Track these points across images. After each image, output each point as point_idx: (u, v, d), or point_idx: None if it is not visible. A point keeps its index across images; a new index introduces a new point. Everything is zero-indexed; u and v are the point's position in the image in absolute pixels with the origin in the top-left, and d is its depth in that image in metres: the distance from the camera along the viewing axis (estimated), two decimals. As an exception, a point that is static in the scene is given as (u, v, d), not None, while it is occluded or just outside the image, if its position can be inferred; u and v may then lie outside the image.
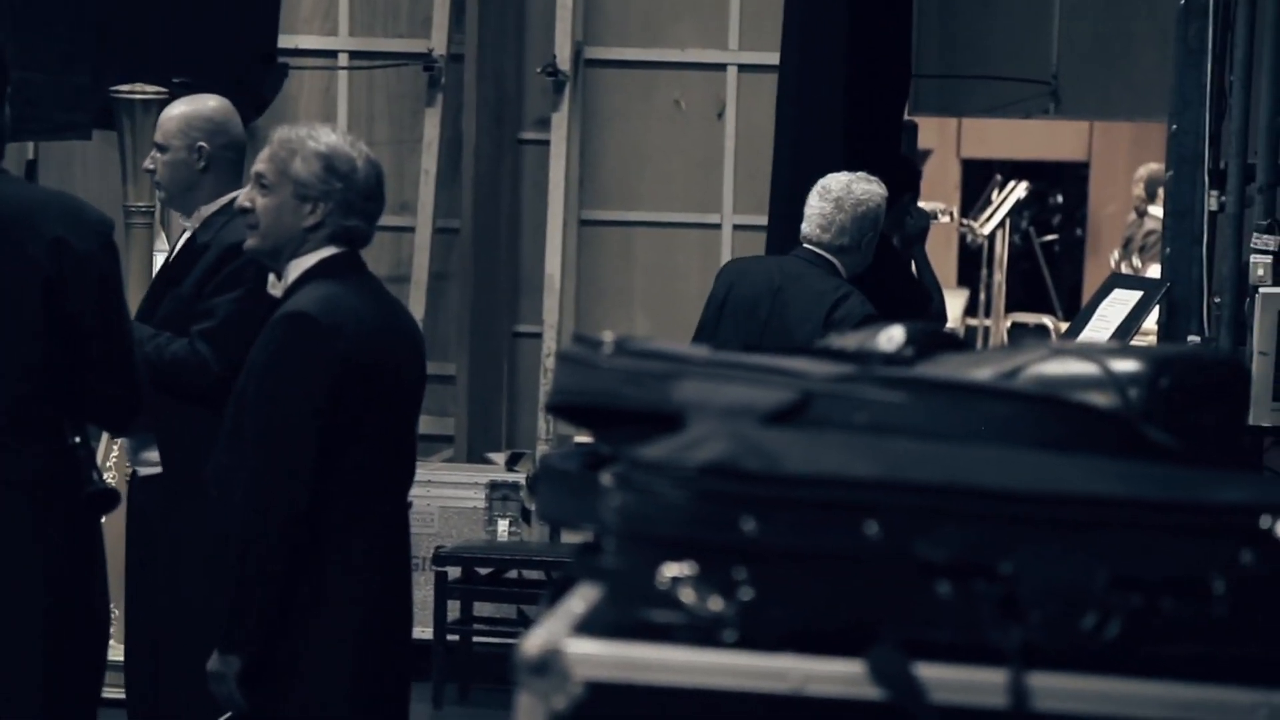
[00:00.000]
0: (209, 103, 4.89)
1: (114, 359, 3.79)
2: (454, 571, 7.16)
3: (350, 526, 3.75)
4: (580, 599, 2.06)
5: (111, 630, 6.81)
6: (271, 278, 3.99)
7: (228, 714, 3.81)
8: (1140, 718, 1.89)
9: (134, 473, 4.87)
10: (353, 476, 3.74)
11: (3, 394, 3.71)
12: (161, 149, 4.83)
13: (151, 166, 4.87)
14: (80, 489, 3.81)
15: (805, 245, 5.75)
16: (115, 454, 6.85)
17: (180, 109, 4.87)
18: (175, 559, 4.65)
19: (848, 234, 5.68)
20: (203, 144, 4.79)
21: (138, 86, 6.46)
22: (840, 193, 5.69)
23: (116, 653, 6.69)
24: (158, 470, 4.73)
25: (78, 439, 3.88)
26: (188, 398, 4.57)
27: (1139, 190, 11.31)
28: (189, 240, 4.84)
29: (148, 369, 4.39)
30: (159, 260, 6.00)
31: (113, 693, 6.65)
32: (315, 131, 3.85)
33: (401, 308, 4.09)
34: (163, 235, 6.44)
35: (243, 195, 3.94)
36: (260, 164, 3.88)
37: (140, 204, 6.34)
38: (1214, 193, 5.73)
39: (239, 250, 4.17)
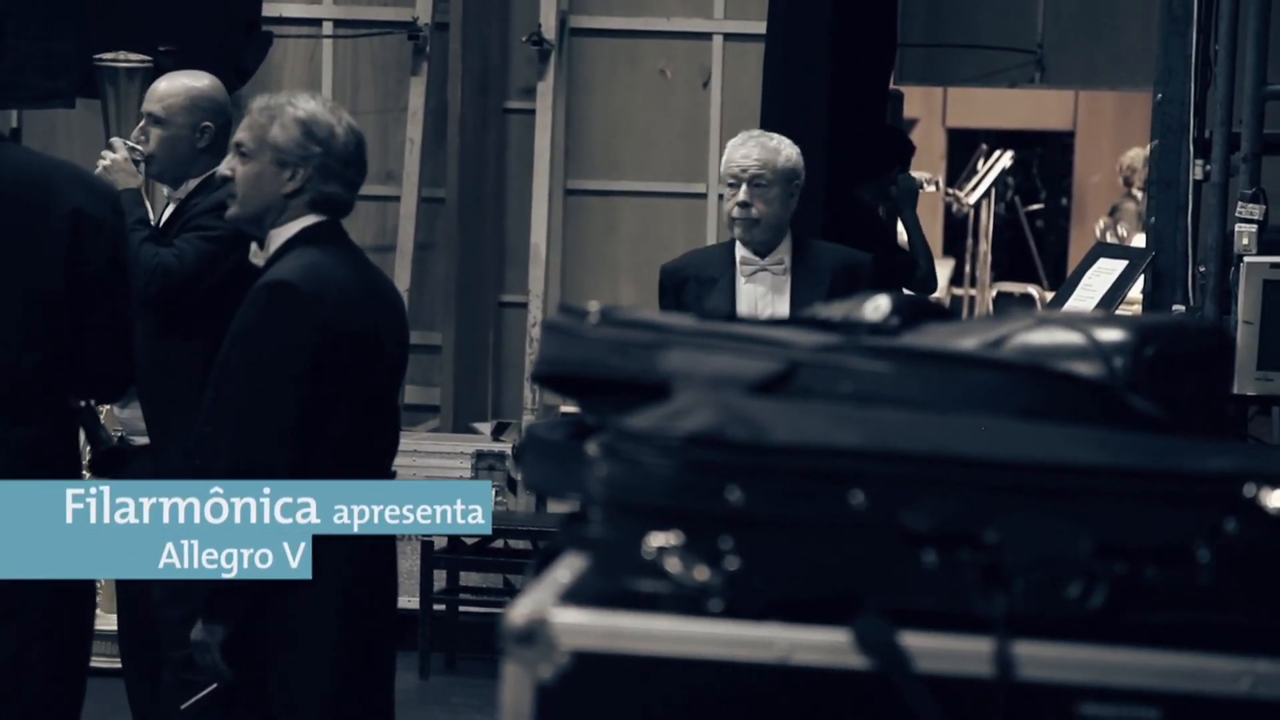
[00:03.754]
0: (206, 80, 4.91)
1: (116, 327, 3.81)
2: (440, 541, 7.17)
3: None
4: (566, 569, 2.06)
5: (100, 600, 6.86)
6: (254, 246, 4.00)
7: (213, 685, 3.81)
8: (1125, 686, 1.90)
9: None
10: (335, 445, 3.74)
11: (21, 360, 3.71)
12: (160, 123, 4.83)
13: (143, 137, 4.87)
14: (76, 454, 3.84)
15: None
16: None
17: (181, 85, 4.87)
18: None
19: None
20: (208, 124, 4.83)
21: (121, 54, 6.44)
22: None
23: (109, 623, 6.71)
24: (145, 441, 4.74)
25: (82, 403, 3.91)
26: (140, 296, 4.58)
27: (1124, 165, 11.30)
28: (179, 208, 4.87)
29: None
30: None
31: (108, 663, 6.68)
32: (295, 98, 3.85)
33: (383, 277, 4.09)
34: (146, 204, 6.42)
35: (224, 164, 3.94)
36: (240, 132, 3.88)
37: (124, 173, 6.31)
38: (1199, 162, 5.73)
39: (224, 208, 4.19)
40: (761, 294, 5.37)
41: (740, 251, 5.38)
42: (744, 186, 5.34)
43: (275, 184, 3.82)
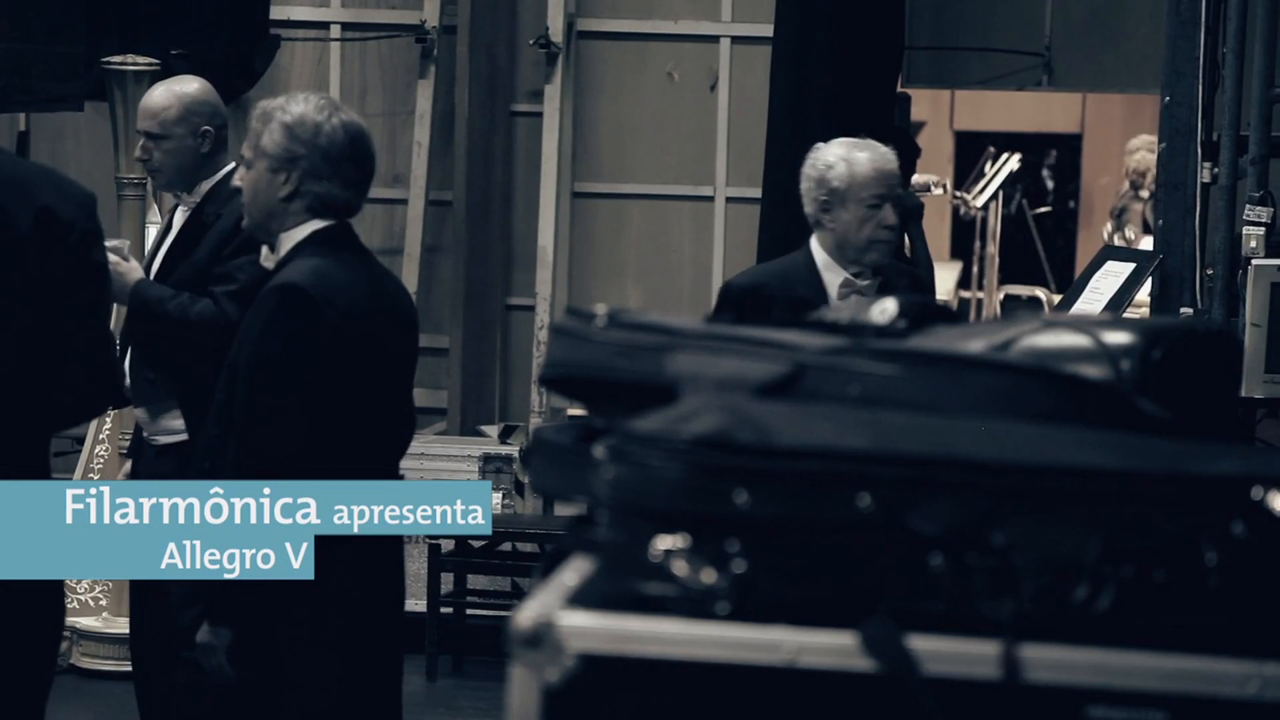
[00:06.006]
0: (195, 84, 4.90)
1: (87, 334, 3.73)
2: (447, 544, 7.17)
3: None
4: (573, 571, 2.06)
5: (107, 604, 6.86)
6: (264, 250, 4.00)
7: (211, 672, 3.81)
8: (1133, 688, 1.90)
9: (139, 443, 4.88)
10: (343, 448, 3.74)
11: None
12: (159, 138, 4.82)
13: (145, 156, 4.86)
14: (46, 459, 3.79)
15: None
16: (109, 426, 6.84)
17: (171, 96, 4.85)
18: None
19: (805, 203, 4.87)
20: (207, 128, 4.82)
21: (129, 57, 6.44)
22: (806, 160, 4.94)
23: (115, 625, 6.71)
24: (181, 437, 4.71)
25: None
26: (210, 357, 4.57)
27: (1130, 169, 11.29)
28: (195, 213, 4.85)
29: (171, 328, 4.48)
30: (150, 232, 6.00)
31: (115, 665, 6.69)
32: (290, 101, 3.87)
33: (394, 280, 4.09)
34: (155, 207, 6.44)
35: (236, 176, 3.97)
36: (245, 142, 3.92)
37: (132, 175, 6.33)
38: (1207, 165, 5.73)
39: (252, 245, 4.19)
40: None
41: (833, 272, 4.83)
42: (887, 206, 4.80)
43: (271, 190, 3.84)
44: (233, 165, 4.92)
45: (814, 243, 4.86)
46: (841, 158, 4.82)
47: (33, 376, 3.68)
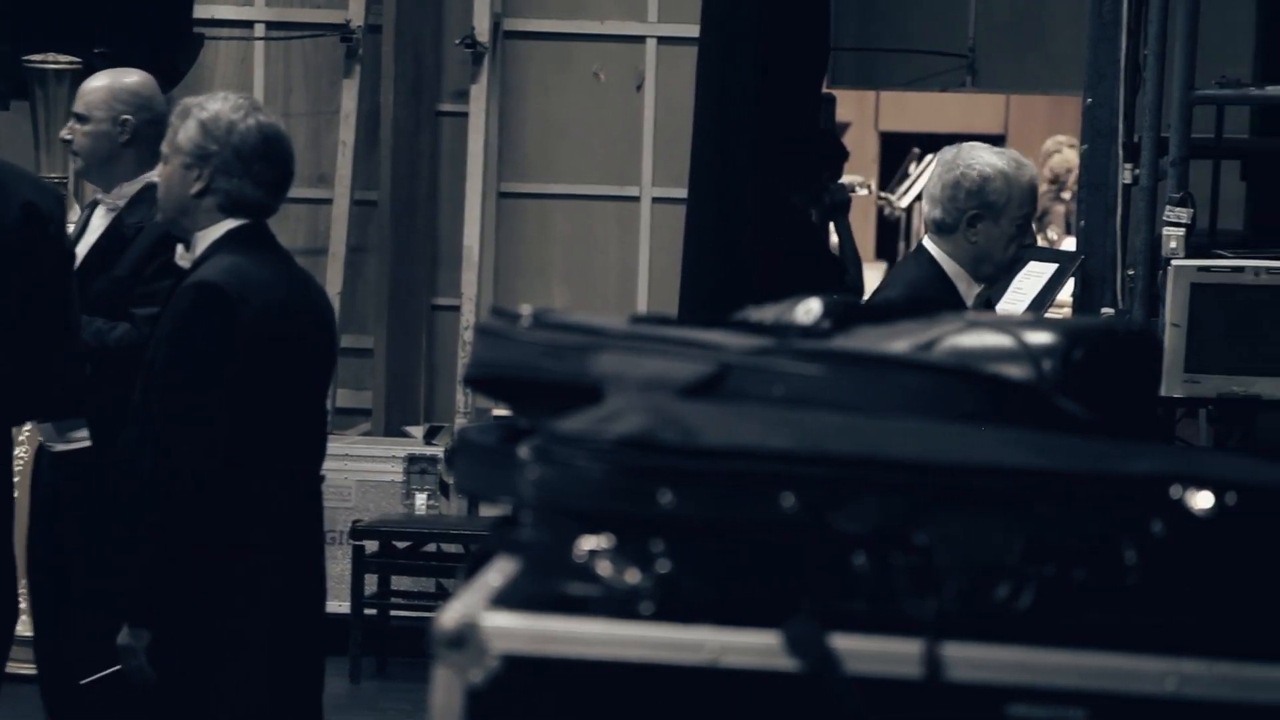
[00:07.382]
0: (133, 76, 4.89)
1: (67, 327, 3.73)
2: (371, 545, 7.15)
3: (260, 498, 3.74)
4: (497, 572, 2.05)
5: (25, 607, 6.80)
6: (180, 249, 4.00)
7: (116, 666, 3.78)
8: (1053, 686, 1.91)
9: (42, 448, 4.83)
10: (261, 448, 3.72)
11: None
12: (82, 119, 4.81)
13: (69, 136, 4.86)
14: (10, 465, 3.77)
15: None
16: (28, 429, 6.78)
17: (104, 80, 4.87)
18: (94, 533, 4.61)
19: (939, 206, 4.54)
20: (127, 117, 4.79)
21: (50, 56, 6.39)
22: (945, 159, 4.64)
23: (25, 627, 6.64)
24: (85, 445, 4.67)
25: None
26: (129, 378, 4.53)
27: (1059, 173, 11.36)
28: (115, 221, 4.79)
29: (89, 354, 4.40)
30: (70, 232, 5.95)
31: (23, 668, 6.63)
32: (209, 100, 3.87)
33: (310, 280, 4.08)
34: (75, 207, 6.39)
35: (156, 171, 3.97)
36: (165, 137, 3.92)
37: (53, 175, 6.28)
38: (1128, 166, 5.77)
39: (171, 268, 4.17)
40: None
41: (966, 283, 4.49)
42: (1030, 225, 4.61)
43: (183, 185, 3.84)
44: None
45: (937, 252, 4.53)
46: (1000, 171, 4.50)
47: (17, 370, 3.66)
